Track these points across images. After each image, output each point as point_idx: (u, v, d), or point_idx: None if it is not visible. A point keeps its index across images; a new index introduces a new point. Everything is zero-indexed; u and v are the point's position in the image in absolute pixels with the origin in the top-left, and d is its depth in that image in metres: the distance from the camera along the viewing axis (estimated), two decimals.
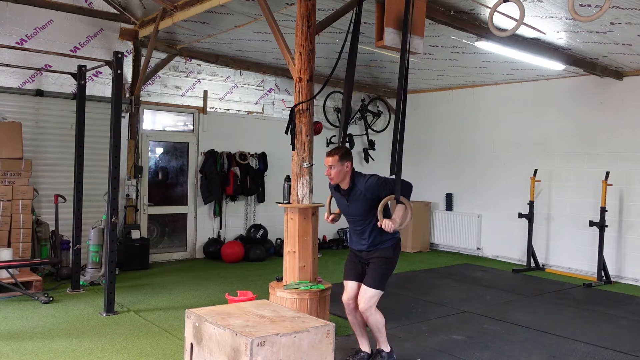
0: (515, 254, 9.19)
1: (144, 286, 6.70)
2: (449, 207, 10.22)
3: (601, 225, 7.60)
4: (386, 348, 4.19)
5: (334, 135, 10.20)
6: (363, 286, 4.09)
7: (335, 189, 4.24)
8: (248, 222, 9.26)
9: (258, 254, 8.66)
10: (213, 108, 8.87)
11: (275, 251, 9.08)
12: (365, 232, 4.13)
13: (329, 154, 4.12)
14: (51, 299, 5.79)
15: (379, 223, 3.91)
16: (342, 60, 4.96)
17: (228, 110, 9.05)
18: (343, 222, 4.45)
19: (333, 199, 4.43)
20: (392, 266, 4.17)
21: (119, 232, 7.62)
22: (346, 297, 4.22)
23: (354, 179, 4.12)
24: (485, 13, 5.73)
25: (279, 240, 9.16)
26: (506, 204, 9.28)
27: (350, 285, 4.22)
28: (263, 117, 9.46)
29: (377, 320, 4.09)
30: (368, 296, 4.03)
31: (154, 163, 8.59)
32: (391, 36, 4.48)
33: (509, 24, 5.73)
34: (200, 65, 8.68)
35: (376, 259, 4.11)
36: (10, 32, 6.95)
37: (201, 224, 8.80)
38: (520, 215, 8.54)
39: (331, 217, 4.42)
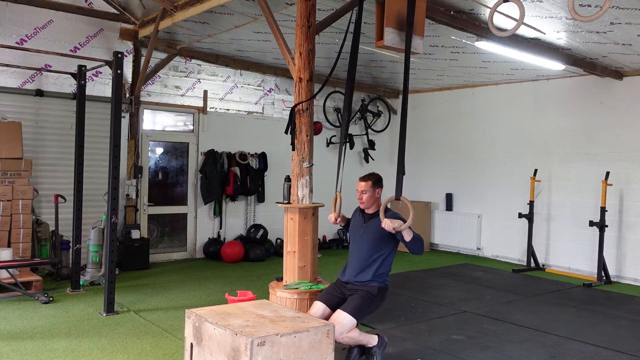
0: (515, 254, 9.19)
1: (144, 286, 6.70)
2: (449, 207, 10.22)
3: (601, 225, 7.60)
4: (373, 342, 4.14)
5: (334, 135, 10.20)
6: (339, 311, 3.96)
7: (360, 210, 4.36)
8: (248, 222, 9.26)
9: (258, 254, 8.66)
10: (213, 108, 8.87)
11: (275, 251, 9.08)
12: (364, 269, 4.14)
13: (362, 179, 4.27)
14: (51, 299, 5.79)
15: (382, 224, 3.96)
16: (342, 60, 4.98)
17: (228, 110, 9.05)
18: None
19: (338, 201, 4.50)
20: (373, 304, 4.11)
21: (119, 232, 7.62)
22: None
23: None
24: (485, 13, 5.73)
25: (279, 240, 9.16)
26: (506, 204, 9.28)
27: (317, 306, 4.13)
28: (263, 117, 9.45)
29: (352, 337, 3.95)
30: (341, 323, 3.85)
31: (154, 163, 8.59)
32: (391, 36, 4.47)
33: (509, 24, 5.73)
34: (200, 65, 8.68)
35: (360, 292, 4.11)
36: (10, 32, 6.95)
37: (201, 224, 8.80)
38: (520, 215, 8.53)
39: (339, 218, 4.49)
